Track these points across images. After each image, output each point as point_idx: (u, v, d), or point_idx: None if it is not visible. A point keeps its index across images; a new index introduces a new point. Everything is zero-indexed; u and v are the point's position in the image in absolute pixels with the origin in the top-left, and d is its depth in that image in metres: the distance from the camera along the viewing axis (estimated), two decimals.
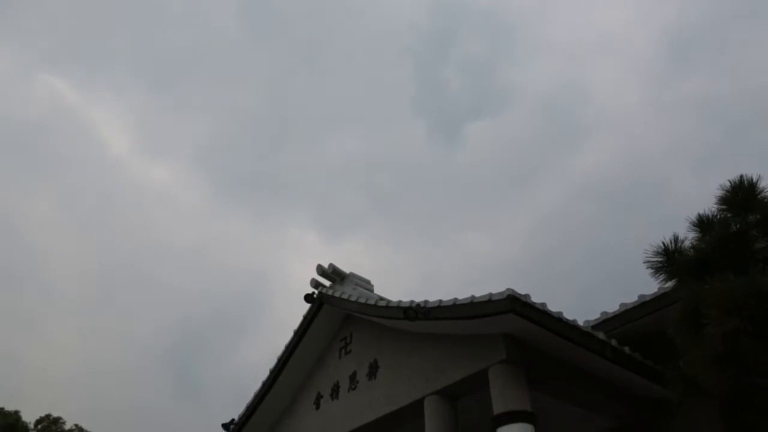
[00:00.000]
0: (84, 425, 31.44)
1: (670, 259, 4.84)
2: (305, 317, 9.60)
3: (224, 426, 10.30)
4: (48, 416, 30.03)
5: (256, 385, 10.15)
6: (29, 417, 30.00)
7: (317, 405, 9.29)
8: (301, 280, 11.08)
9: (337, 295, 8.98)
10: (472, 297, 6.60)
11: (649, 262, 4.99)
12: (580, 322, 7.37)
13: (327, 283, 9.72)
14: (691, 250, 4.79)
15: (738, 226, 4.66)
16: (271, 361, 10.05)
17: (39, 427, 30.16)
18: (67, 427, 30.50)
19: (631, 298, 8.32)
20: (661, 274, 4.92)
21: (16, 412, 29.07)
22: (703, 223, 4.92)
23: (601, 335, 7.19)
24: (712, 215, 4.91)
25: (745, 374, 3.80)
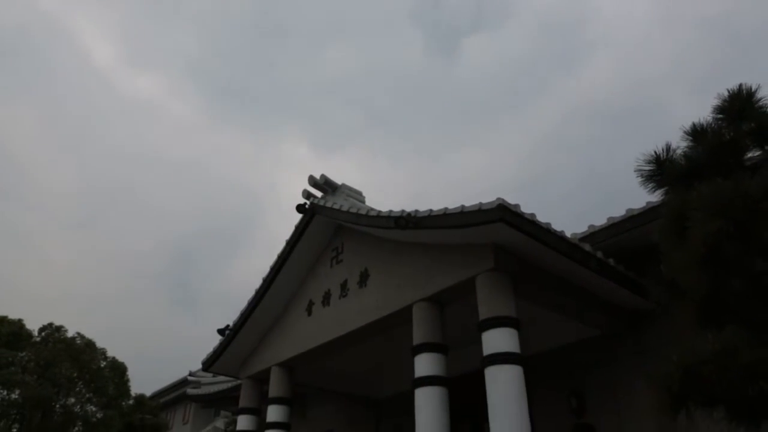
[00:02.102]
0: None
1: (660, 167, 4.83)
2: (297, 228, 9.71)
3: (220, 331, 10.68)
4: (50, 324, 30.96)
5: (250, 295, 10.44)
6: (30, 328, 30.89)
7: (309, 312, 9.60)
8: (294, 194, 11.07)
9: (328, 205, 9.03)
10: (462, 206, 6.63)
11: (639, 170, 4.98)
12: (568, 235, 7.48)
13: (319, 194, 9.75)
14: (683, 158, 4.76)
15: (732, 134, 4.61)
16: (264, 273, 10.29)
17: (42, 334, 31.14)
18: (68, 335, 31.46)
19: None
20: (650, 182, 4.92)
21: (20, 320, 29.93)
22: (696, 132, 4.86)
23: (587, 247, 7.31)
24: (707, 124, 4.85)
25: (723, 276, 3.89)
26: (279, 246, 10.03)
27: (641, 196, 7.89)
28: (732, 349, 3.36)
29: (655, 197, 5.44)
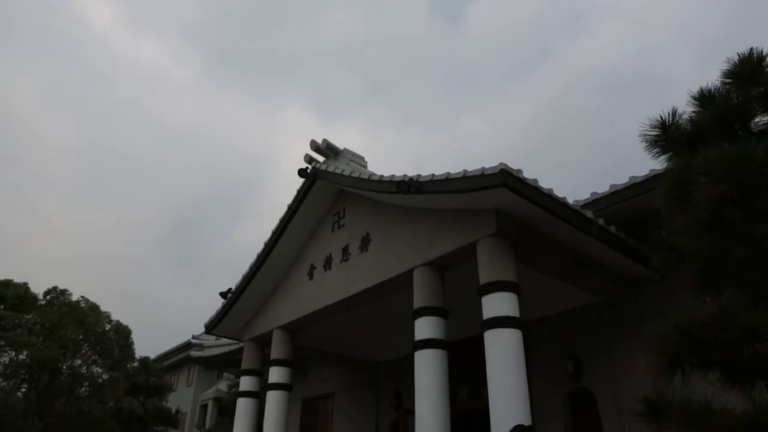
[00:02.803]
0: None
1: (665, 132, 4.77)
2: (299, 192, 9.70)
3: (222, 294, 10.78)
4: (55, 288, 31.31)
5: (252, 260, 10.51)
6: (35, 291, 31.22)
7: (311, 276, 9.66)
8: (297, 161, 11.02)
9: (330, 170, 8.99)
10: (465, 171, 6.60)
11: (644, 135, 4.92)
12: (570, 202, 7.46)
13: (320, 158, 9.70)
14: (689, 123, 4.70)
15: (740, 99, 4.53)
16: (266, 237, 10.34)
17: (47, 297, 31.48)
18: (73, 298, 31.78)
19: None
20: (655, 147, 4.86)
21: (25, 284, 30.23)
22: (703, 97, 4.78)
23: (589, 213, 7.30)
24: (715, 89, 4.77)
25: (725, 241, 3.89)
26: (281, 211, 10.07)
27: (645, 167, 7.87)
28: (730, 312, 3.37)
29: (659, 163, 5.39)
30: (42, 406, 28.46)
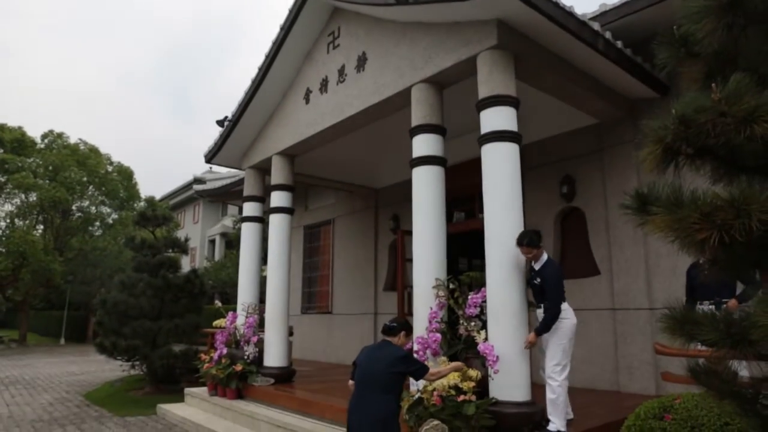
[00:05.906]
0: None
1: None
2: (290, 11, 9.13)
3: (219, 122, 10.70)
4: (52, 131, 31.10)
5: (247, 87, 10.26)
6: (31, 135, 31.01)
7: (307, 100, 9.48)
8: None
9: None
10: None
11: None
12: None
13: None
14: None
15: None
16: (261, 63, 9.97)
17: (45, 141, 31.40)
18: (71, 141, 31.73)
19: None
20: None
21: (20, 128, 29.95)
22: None
23: (596, 26, 6.93)
24: None
25: (740, 27, 3.68)
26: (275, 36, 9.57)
27: None
28: (734, 96, 3.29)
29: None
30: (60, 243, 29.95)
